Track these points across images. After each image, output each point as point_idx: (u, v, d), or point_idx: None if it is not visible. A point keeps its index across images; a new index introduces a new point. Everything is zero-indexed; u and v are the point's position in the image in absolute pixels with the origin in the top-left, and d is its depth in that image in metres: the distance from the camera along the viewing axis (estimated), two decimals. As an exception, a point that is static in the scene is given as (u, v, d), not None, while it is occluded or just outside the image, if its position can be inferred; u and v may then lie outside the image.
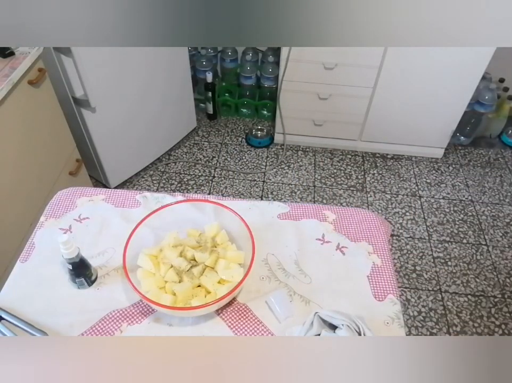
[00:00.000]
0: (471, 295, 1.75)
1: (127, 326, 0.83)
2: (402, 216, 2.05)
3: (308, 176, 2.23)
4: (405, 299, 1.73)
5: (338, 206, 1.24)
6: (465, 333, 1.63)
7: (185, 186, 2.15)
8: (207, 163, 2.27)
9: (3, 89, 1.22)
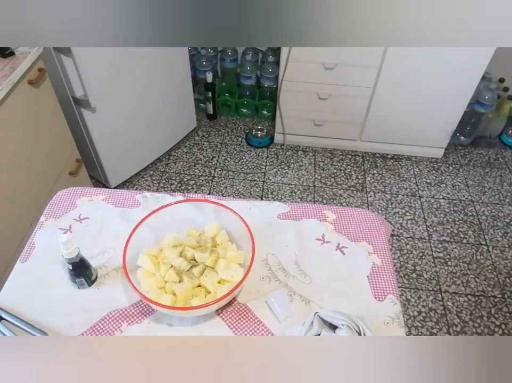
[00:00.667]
0: (471, 295, 1.75)
1: (127, 326, 0.83)
2: (402, 216, 2.05)
3: (308, 176, 2.23)
4: (405, 299, 1.73)
5: (338, 206, 1.24)
6: (465, 333, 1.63)
7: (185, 186, 2.15)
8: (207, 163, 2.27)
9: (3, 89, 1.22)
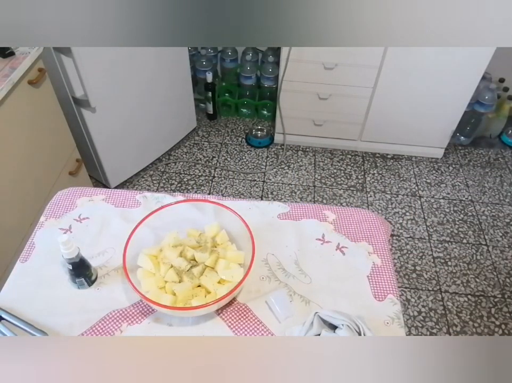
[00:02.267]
0: (471, 295, 1.75)
1: (127, 326, 0.83)
2: (402, 216, 2.05)
3: (308, 176, 2.23)
4: (405, 299, 1.73)
5: (338, 206, 1.24)
6: (465, 333, 1.63)
7: (185, 186, 2.15)
8: (207, 163, 2.27)
9: (3, 89, 1.22)
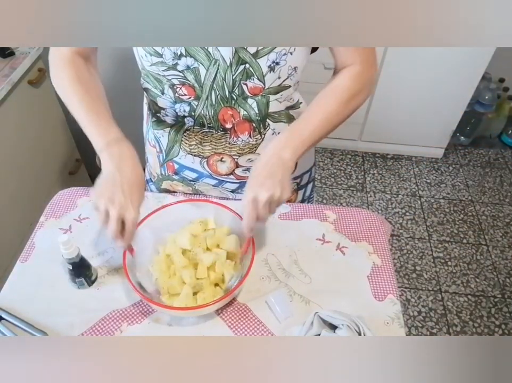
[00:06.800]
0: (471, 295, 1.75)
1: (127, 326, 0.83)
2: (402, 216, 2.05)
3: (308, 176, 2.23)
4: (405, 299, 1.73)
5: (338, 206, 1.24)
6: (465, 333, 1.63)
7: (185, 186, 2.14)
8: (207, 163, 2.27)
9: (3, 89, 1.22)
